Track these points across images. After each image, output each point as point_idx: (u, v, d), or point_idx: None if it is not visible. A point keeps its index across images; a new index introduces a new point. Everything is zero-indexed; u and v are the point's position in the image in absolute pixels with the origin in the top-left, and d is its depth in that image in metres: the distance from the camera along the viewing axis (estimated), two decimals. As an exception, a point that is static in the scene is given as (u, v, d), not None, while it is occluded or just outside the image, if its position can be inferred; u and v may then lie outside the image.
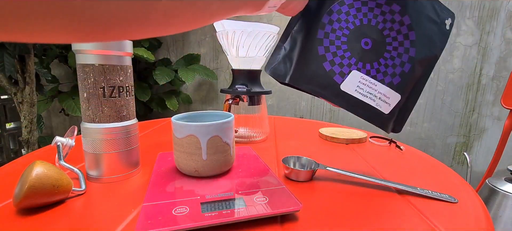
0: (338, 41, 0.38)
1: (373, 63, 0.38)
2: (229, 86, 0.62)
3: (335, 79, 0.38)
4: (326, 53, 0.38)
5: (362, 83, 0.38)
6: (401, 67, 0.39)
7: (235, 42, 0.57)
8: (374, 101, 0.38)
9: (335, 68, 0.38)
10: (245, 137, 0.63)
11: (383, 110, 0.39)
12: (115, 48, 0.36)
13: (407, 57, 0.39)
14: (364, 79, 0.38)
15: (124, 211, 0.31)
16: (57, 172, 0.32)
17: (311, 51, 0.39)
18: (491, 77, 1.42)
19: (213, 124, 0.36)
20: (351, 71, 0.38)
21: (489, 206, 0.86)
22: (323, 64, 0.38)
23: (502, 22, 1.35)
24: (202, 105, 1.77)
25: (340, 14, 0.38)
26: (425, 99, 1.49)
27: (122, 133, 0.38)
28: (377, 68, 0.38)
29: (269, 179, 0.37)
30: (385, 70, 0.39)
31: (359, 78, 0.38)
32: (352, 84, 0.38)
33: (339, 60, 0.38)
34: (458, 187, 0.40)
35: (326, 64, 0.38)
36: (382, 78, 0.39)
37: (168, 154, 0.47)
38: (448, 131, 1.50)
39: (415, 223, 0.30)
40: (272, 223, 0.29)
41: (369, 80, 0.38)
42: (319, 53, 0.38)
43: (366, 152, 0.57)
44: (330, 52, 0.38)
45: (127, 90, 0.39)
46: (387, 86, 0.39)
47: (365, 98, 0.38)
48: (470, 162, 1.05)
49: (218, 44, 1.65)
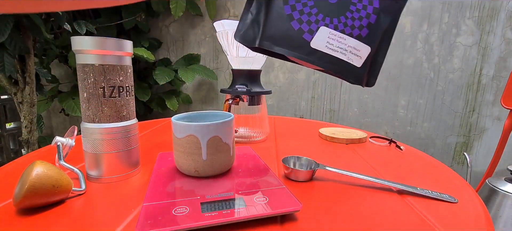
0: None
1: (340, 17, 0.38)
2: (229, 86, 0.62)
3: (304, 38, 0.38)
4: (292, 12, 0.38)
5: (331, 38, 0.38)
6: (367, 19, 0.39)
7: (235, 42, 0.57)
8: (345, 55, 0.39)
9: (303, 26, 0.38)
10: (245, 137, 0.63)
11: (355, 64, 0.39)
12: (115, 48, 0.36)
13: (372, 8, 0.39)
14: (333, 35, 0.38)
15: (124, 211, 0.31)
16: (57, 172, 0.32)
17: (277, 11, 0.39)
18: (491, 77, 1.42)
19: (213, 124, 0.36)
20: (319, 28, 0.38)
21: (489, 206, 0.86)
22: (291, 24, 0.38)
23: (502, 22, 1.35)
24: (202, 105, 1.77)
25: None
26: (425, 99, 1.49)
27: (122, 133, 0.38)
28: (344, 22, 0.39)
29: (269, 179, 0.37)
30: (352, 23, 0.39)
31: (328, 33, 0.38)
32: (322, 40, 0.38)
33: (307, 17, 0.38)
34: (458, 187, 0.40)
35: (294, 23, 0.38)
36: (350, 32, 0.39)
37: (168, 154, 0.47)
38: (448, 131, 1.50)
39: (415, 223, 0.30)
40: (272, 223, 0.29)
41: (338, 35, 0.38)
42: (286, 13, 0.38)
43: (366, 152, 0.57)
44: (297, 10, 0.38)
45: (127, 90, 0.39)
46: (356, 39, 0.39)
47: (336, 53, 0.38)
48: (470, 162, 1.05)
49: (218, 44, 1.65)
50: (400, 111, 1.53)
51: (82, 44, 0.35)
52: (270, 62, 1.61)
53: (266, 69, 1.62)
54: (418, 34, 1.44)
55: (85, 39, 0.35)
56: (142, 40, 1.56)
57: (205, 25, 1.64)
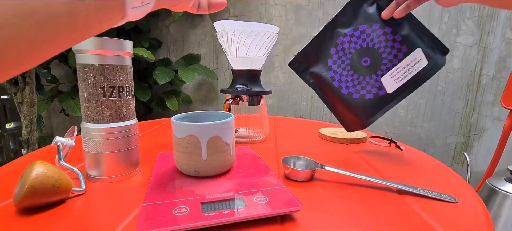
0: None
1: (382, 61, 0.51)
2: (229, 86, 0.62)
3: (380, 94, 0.52)
4: (367, 95, 0.53)
5: (393, 76, 0.51)
6: (396, 42, 0.50)
7: (235, 42, 0.57)
8: (411, 72, 0.50)
9: (377, 91, 0.52)
10: (245, 137, 0.63)
11: (422, 66, 0.49)
12: (115, 48, 0.36)
13: (392, 37, 0.50)
14: (392, 73, 0.50)
15: (124, 211, 0.31)
16: (57, 172, 0.32)
17: (361, 100, 0.53)
18: (491, 77, 1.42)
19: (213, 124, 0.36)
20: (381, 79, 0.51)
21: (489, 206, 0.86)
22: (366, 98, 0.53)
23: (502, 22, 1.35)
24: (202, 105, 1.77)
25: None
26: (425, 99, 1.49)
27: (122, 133, 0.38)
28: (388, 60, 0.51)
29: (269, 179, 0.37)
30: (392, 56, 0.51)
31: (388, 76, 0.51)
32: (391, 83, 0.51)
33: (370, 86, 0.53)
34: (458, 187, 0.40)
35: (370, 95, 0.53)
36: (397, 59, 0.50)
37: (168, 154, 0.47)
38: (448, 131, 1.50)
39: (415, 223, 0.30)
40: (272, 223, 0.29)
41: (393, 70, 0.50)
42: (373, 97, 0.53)
43: (366, 152, 0.57)
44: (363, 89, 0.53)
45: (127, 90, 0.39)
46: (405, 58, 0.50)
47: (406, 78, 0.50)
48: (470, 162, 1.05)
49: (218, 44, 1.65)
50: (400, 111, 1.53)
51: (82, 44, 0.35)
52: (270, 62, 1.61)
53: (266, 69, 1.62)
54: (418, 34, 1.43)
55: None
56: (142, 40, 1.56)
57: (205, 25, 1.64)
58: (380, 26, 0.50)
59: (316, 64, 0.54)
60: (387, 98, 0.51)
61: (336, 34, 0.52)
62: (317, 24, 1.50)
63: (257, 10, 1.55)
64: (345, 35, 0.51)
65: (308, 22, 1.51)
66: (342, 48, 0.52)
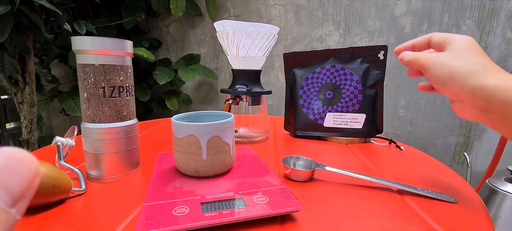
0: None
1: (337, 104, 0.64)
2: (229, 86, 0.62)
3: (319, 122, 0.65)
4: (308, 111, 0.66)
5: (335, 117, 0.64)
6: (356, 99, 0.62)
7: (235, 42, 0.57)
8: (348, 124, 0.63)
9: (316, 116, 0.66)
10: (245, 137, 0.63)
11: (356, 127, 0.63)
12: (115, 48, 0.36)
13: (357, 91, 0.62)
14: (336, 115, 0.64)
15: (124, 211, 0.31)
16: (57, 172, 0.32)
17: (301, 112, 0.67)
18: (491, 77, 1.42)
19: (213, 124, 0.36)
20: (326, 114, 0.64)
21: (489, 206, 0.86)
22: (309, 117, 0.66)
23: (502, 22, 1.35)
24: (202, 105, 1.77)
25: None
26: (425, 100, 1.49)
27: (122, 133, 0.38)
28: (341, 105, 0.63)
29: (269, 179, 0.37)
30: (347, 105, 0.63)
31: (332, 116, 0.64)
32: (330, 120, 0.64)
33: (317, 111, 0.65)
34: (458, 187, 0.40)
35: (311, 116, 0.66)
36: (347, 110, 0.63)
37: (168, 154, 0.47)
38: (448, 131, 1.50)
39: (415, 223, 0.30)
40: (272, 223, 0.29)
41: (338, 114, 0.63)
42: (304, 112, 0.66)
43: (366, 152, 0.57)
44: (310, 108, 0.66)
45: (127, 90, 0.39)
46: (352, 113, 0.63)
47: (341, 125, 0.63)
48: (470, 162, 1.05)
49: (218, 44, 1.65)
50: (400, 111, 1.53)
51: (82, 44, 0.35)
52: (270, 62, 1.61)
53: (266, 69, 1.62)
54: (418, 34, 1.43)
55: (85, 39, 0.35)
56: (142, 40, 1.56)
57: (205, 25, 1.64)
58: (357, 78, 0.62)
59: (300, 69, 0.66)
60: (320, 127, 0.64)
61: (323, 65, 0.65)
62: (317, 24, 1.50)
63: (257, 10, 1.55)
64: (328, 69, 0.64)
65: (308, 22, 1.51)
66: (318, 77, 0.65)
